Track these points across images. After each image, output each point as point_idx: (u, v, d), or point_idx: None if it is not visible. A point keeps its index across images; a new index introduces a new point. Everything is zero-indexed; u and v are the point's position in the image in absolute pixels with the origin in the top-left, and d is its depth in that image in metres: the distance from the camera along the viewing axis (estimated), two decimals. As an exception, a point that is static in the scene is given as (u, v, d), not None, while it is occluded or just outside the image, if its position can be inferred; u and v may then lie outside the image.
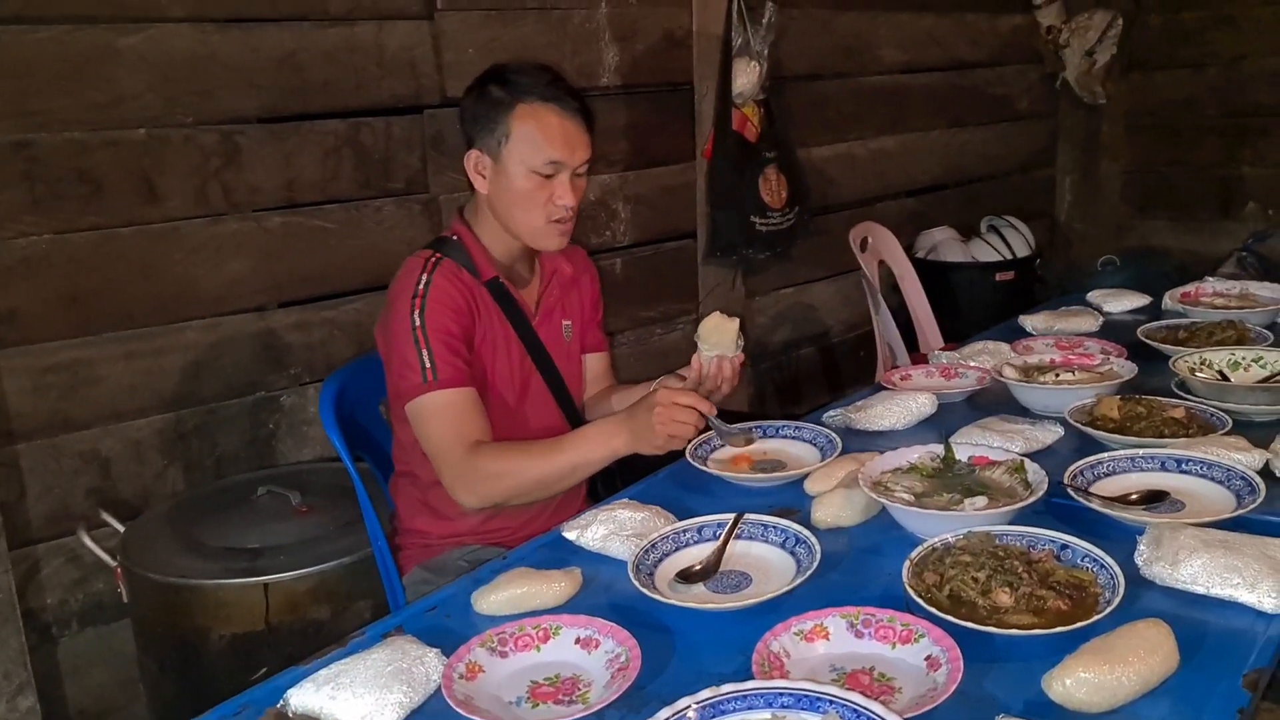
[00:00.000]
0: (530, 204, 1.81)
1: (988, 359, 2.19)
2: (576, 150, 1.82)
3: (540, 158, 1.79)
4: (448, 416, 1.73)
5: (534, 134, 1.78)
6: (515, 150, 1.79)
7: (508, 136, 1.79)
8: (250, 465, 2.52)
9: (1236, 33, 4.78)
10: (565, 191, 1.81)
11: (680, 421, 1.62)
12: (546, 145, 1.78)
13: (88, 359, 2.27)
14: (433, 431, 1.74)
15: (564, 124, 1.80)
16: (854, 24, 3.97)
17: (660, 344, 3.42)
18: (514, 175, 1.80)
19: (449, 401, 1.73)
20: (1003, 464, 1.55)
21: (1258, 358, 1.97)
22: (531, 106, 1.79)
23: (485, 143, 1.81)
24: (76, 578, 2.33)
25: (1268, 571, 1.22)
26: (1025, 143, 5.03)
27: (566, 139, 1.80)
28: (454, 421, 1.72)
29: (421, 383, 1.72)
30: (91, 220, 2.24)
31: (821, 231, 3.80)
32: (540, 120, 1.78)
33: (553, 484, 1.73)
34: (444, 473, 1.73)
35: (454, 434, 1.72)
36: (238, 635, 2.00)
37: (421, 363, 1.72)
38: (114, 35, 2.21)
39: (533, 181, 1.80)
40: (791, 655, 1.17)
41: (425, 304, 1.76)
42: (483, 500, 1.73)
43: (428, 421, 1.74)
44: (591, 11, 3.04)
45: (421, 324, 1.74)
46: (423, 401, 1.73)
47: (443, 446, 1.73)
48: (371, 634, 1.31)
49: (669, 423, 1.62)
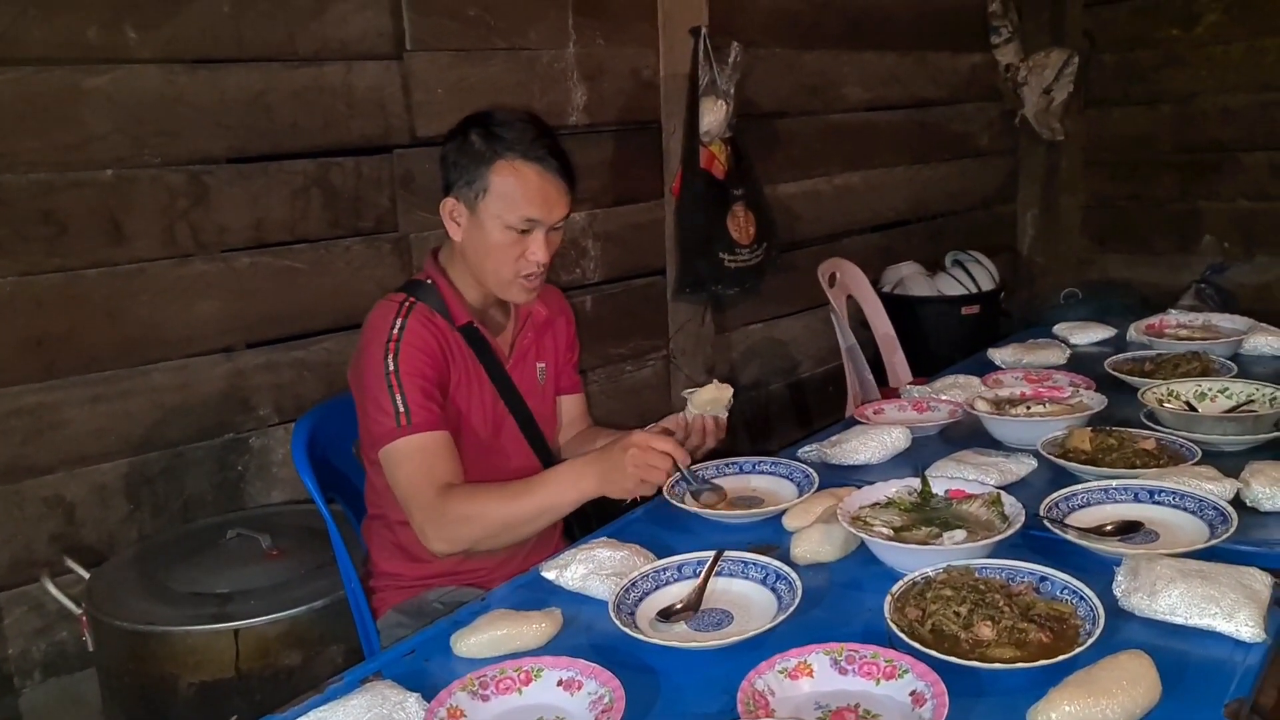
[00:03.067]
0: (502, 257, 1.80)
1: (959, 392, 2.21)
2: (554, 209, 1.81)
3: (516, 215, 1.77)
4: (419, 460, 1.70)
5: (513, 191, 1.77)
6: (492, 205, 1.78)
7: (485, 190, 1.77)
8: (219, 508, 2.48)
9: (1188, 70, 4.89)
10: (539, 248, 1.80)
11: (653, 466, 1.60)
12: (524, 203, 1.77)
13: (52, 403, 2.23)
14: (404, 475, 1.71)
15: (543, 183, 1.78)
16: (818, 63, 4.02)
17: (631, 381, 3.42)
18: (489, 229, 1.79)
19: (421, 445, 1.71)
20: (979, 497, 1.56)
21: (1224, 389, 2.01)
22: (512, 163, 1.77)
23: (462, 192, 1.80)
24: (39, 626, 2.28)
25: (1244, 601, 1.23)
26: (987, 178, 5.11)
27: (545, 198, 1.79)
28: (425, 465, 1.70)
29: (395, 427, 1.70)
30: (57, 262, 2.21)
31: (789, 267, 3.83)
32: (520, 178, 1.77)
33: (521, 526, 1.69)
34: (414, 516, 1.71)
35: (424, 478, 1.69)
36: (207, 683, 1.96)
37: (395, 407, 1.71)
38: (80, 76, 2.19)
39: (507, 236, 1.79)
40: (776, 693, 1.16)
41: (399, 348, 1.74)
42: (451, 544, 1.69)
43: (400, 465, 1.71)
44: (559, 51, 3.06)
45: (395, 368, 1.73)
46: (396, 446, 1.71)
47: (412, 490, 1.70)
48: (350, 679, 1.29)
49: (642, 466, 1.59)
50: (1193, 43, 4.87)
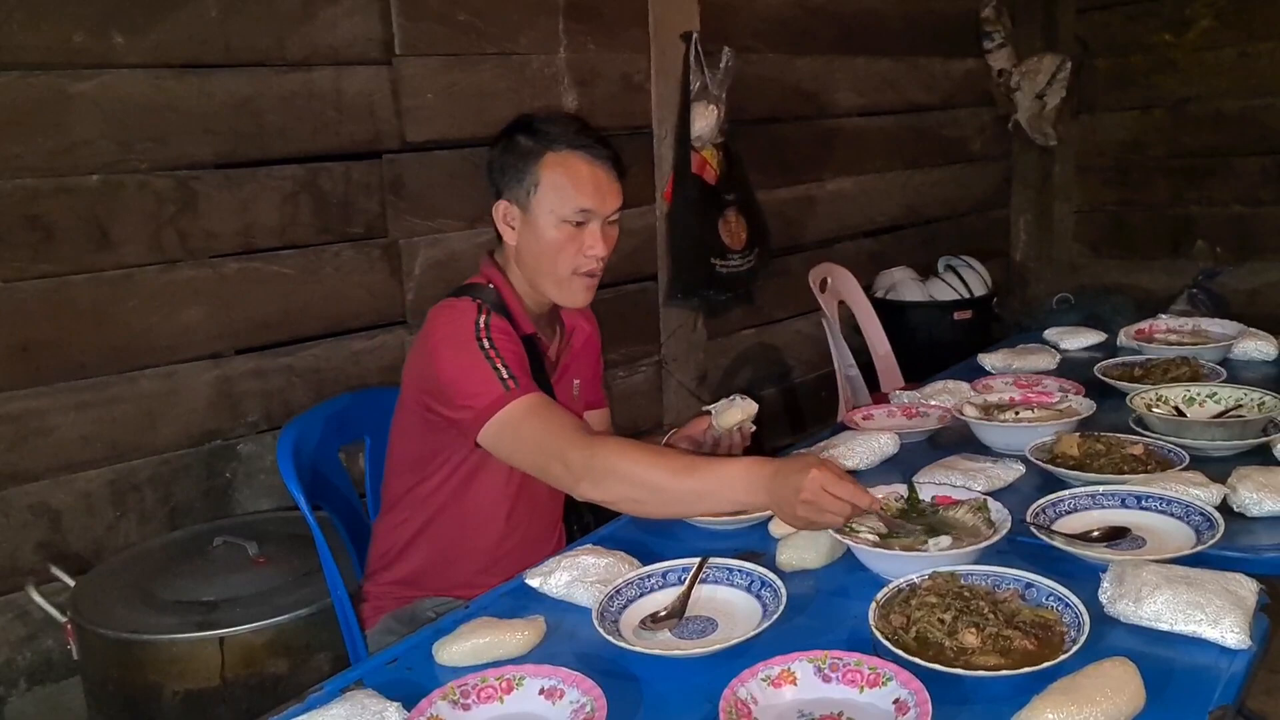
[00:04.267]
0: (559, 254, 1.77)
1: (948, 398, 2.20)
2: (608, 198, 1.78)
3: (570, 206, 1.75)
4: (547, 413, 1.62)
5: (563, 182, 1.75)
6: (544, 199, 1.75)
7: (536, 186, 1.75)
8: (206, 516, 2.47)
9: (1180, 76, 4.90)
10: (596, 241, 1.77)
11: (830, 513, 1.42)
12: (576, 193, 1.75)
13: (38, 409, 2.22)
14: (536, 426, 1.60)
15: (594, 171, 1.77)
16: (811, 68, 4.02)
17: (623, 387, 3.41)
18: (543, 226, 1.76)
19: (541, 401, 1.63)
20: (966, 503, 1.56)
21: (1212, 393, 2.00)
22: (560, 155, 1.75)
23: (514, 193, 1.78)
24: (24, 635, 2.26)
25: (1229, 607, 1.22)
26: (980, 184, 5.11)
27: (597, 186, 1.76)
28: (558, 414, 1.62)
29: (504, 392, 1.62)
30: (43, 268, 2.20)
31: (781, 273, 3.83)
32: (569, 168, 1.75)
33: (674, 503, 1.56)
34: (565, 457, 1.57)
35: (562, 423, 1.60)
36: (192, 692, 1.94)
37: (499, 375, 1.63)
38: (67, 82, 2.19)
39: (563, 231, 1.76)
40: (759, 701, 1.16)
41: (491, 334, 1.69)
42: (603, 491, 1.55)
43: (525, 421, 1.61)
44: (550, 57, 3.06)
45: (493, 347, 1.67)
46: (512, 408, 1.61)
47: (555, 436, 1.58)
48: (330, 689, 1.28)
49: (816, 507, 1.41)
50: (1185, 48, 4.88)
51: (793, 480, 1.42)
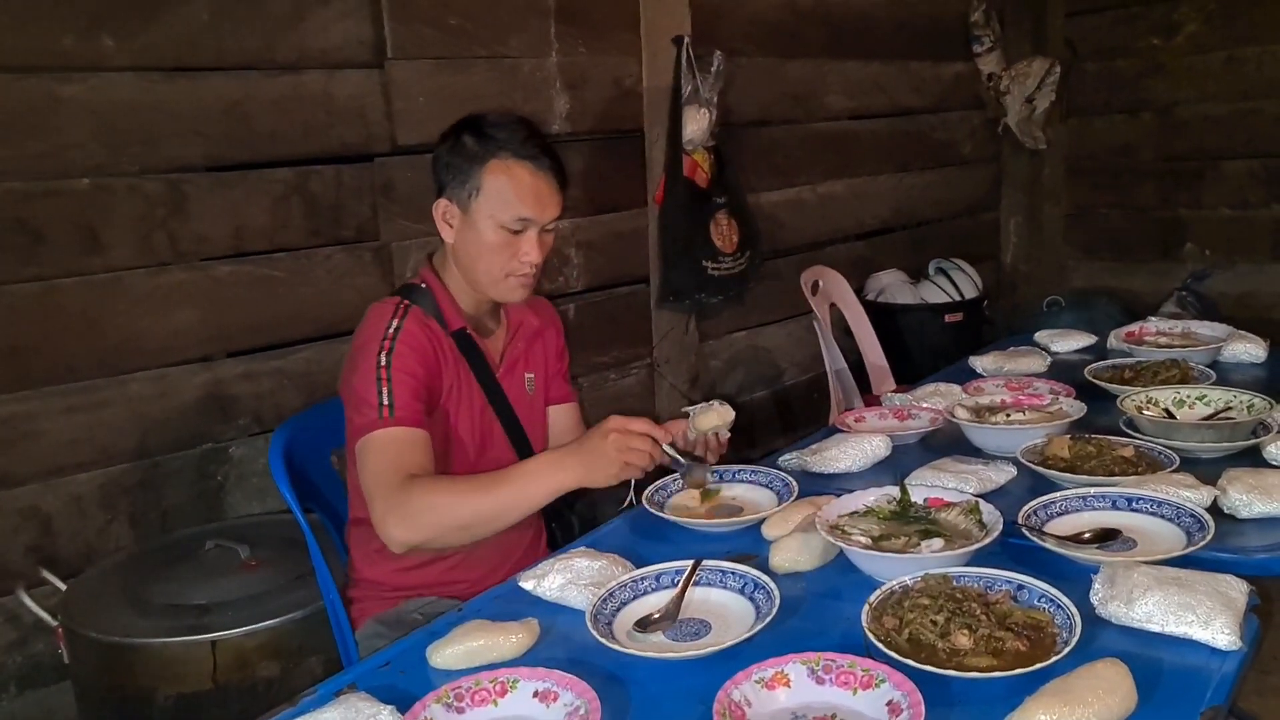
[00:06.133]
0: (495, 257, 1.80)
1: (940, 400, 2.21)
2: (547, 207, 1.80)
3: (509, 213, 1.77)
4: (392, 451, 1.66)
5: (505, 190, 1.76)
6: (485, 204, 1.77)
7: (478, 190, 1.77)
8: (198, 519, 2.46)
9: (1169, 80, 4.92)
10: (532, 248, 1.80)
11: (636, 449, 1.57)
12: (517, 202, 1.77)
13: (27, 413, 2.21)
14: (372, 464, 1.65)
15: (536, 181, 1.78)
16: (801, 71, 4.03)
17: (615, 389, 3.41)
18: (482, 228, 1.78)
19: (396, 437, 1.67)
20: (958, 505, 1.56)
21: (1202, 395, 2.01)
22: (505, 162, 1.77)
23: (455, 193, 1.80)
24: (15, 638, 2.26)
25: (1220, 608, 1.23)
26: (970, 187, 5.13)
27: (538, 196, 1.78)
28: (395, 455, 1.65)
29: (376, 419, 1.67)
30: (33, 271, 2.19)
31: (773, 275, 3.83)
32: (512, 176, 1.77)
33: (491, 520, 1.61)
34: (375, 505, 1.62)
35: (392, 466, 1.63)
36: (184, 695, 1.94)
37: (380, 401, 1.67)
38: (56, 84, 2.18)
39: (500, 236, 1.78)
40: (753, 704, 1.16)
41: (394, 346, 1.72)
42: (410, 532, 1.58)
43: (371, 455, 1.66)
44: (541, 60, 3.06)
45: (387, 364, 1.70)
46: (374, 436, 1.66)
47: (378, 479, 1.63)
48: (323, 692, 1.28)
49: (624, 450, 1.56)
50: (1173, 52, 4.90)
51: (593, 440, 1.58)
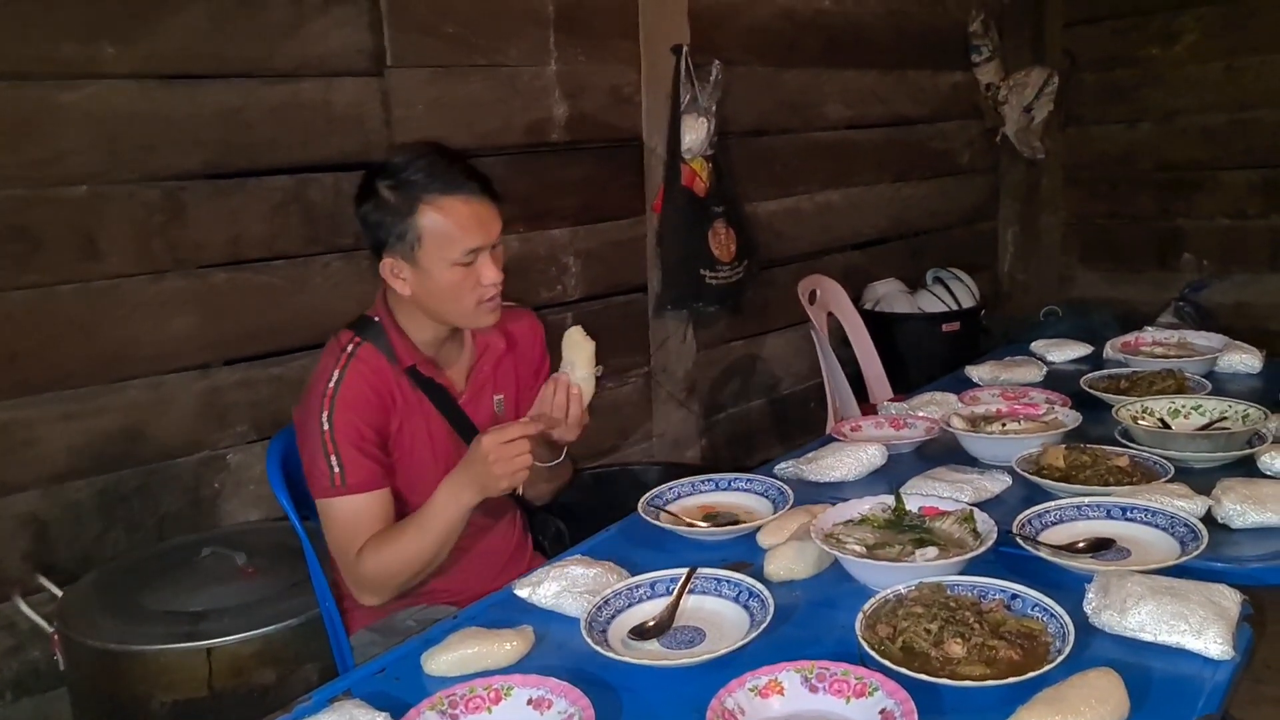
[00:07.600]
0: (459, 293, 1.76)
1: (936, 409, 2.21)
2: (491, 229, 1.76)
3: (458, 250, 1.73)
4: (348, 524, 1.74)
5: (446, 229, 1.72)
6: (431, 249, 1.73)
7: (419, 239, 1.72)
8: (194, 526, 2.46)
9: (1167, 90, 4.94)
10: (489, 270, 1.76)
11: (515, 456, 1.64)
12: (462, 236, 1.72)
13: (24, 419, 2.22)
14: (332, 536, 1.77)
15: (473, 209, 1.74)
16: (799, 81, 4.04)
17: (612, 398, 3.41)
18: (435, 273, 1.74)
19: (352, 508, 1.74)
20: (952, 514, 1.56)
21: (1197, 405, 2.01)
22: (434, 203, 1.72)
23: (397, 248, 1.74)
24: (11, 645, 2.25)
25: (1213, 618, 1.23)
26: (967, 196, 5.14)
27: (480, 222, 1.74)
28: (350, 529, 1.74)
29: (329, 486, 1.73)
30: (31, 278, 2.20)
31: (770, 284, 3.84)
32: (448, 214, 1.72)
33: (435, 556, 1.73)
34: (340, 571, 1.79)
35: (348, 543, 1.74)
36: (180, 702, 1.94)
37: (330, 467, 1.72)
38: (54, 91, 2.19)
39: (456, 273, 1.74)
40: (746, 712, 1.16)
41: (334, 405, 1.74)
42: (377, 596, 1.76)
43: (330, 525, 1.77)
44: (540, 69, 3.07)
45: (330, 427, 1.72)
46: (330, 503, 1.74)
47: (337, 553, 1.77)
48: (318, 699, 1.28)
49: (505, 462, 1.63)
50: (1172, 62, 4.92)
51: (473, 460, 1.66)
